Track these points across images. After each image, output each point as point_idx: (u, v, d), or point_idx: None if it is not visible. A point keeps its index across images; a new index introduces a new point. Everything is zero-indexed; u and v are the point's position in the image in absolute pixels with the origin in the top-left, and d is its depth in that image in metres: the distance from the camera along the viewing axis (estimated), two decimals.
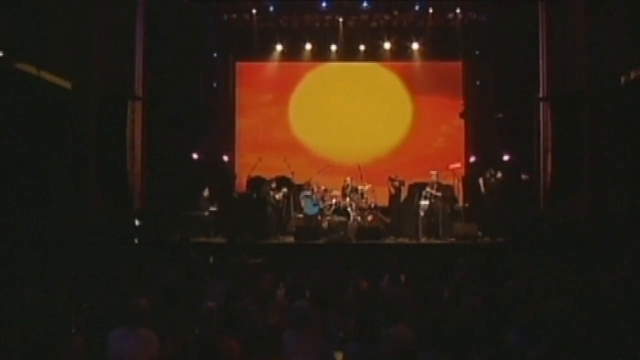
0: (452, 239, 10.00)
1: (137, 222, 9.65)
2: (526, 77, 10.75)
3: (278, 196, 10.65)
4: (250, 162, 11.51)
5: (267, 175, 11.13)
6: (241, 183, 12.00)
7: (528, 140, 10.79)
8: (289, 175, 11.08)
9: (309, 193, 10.60)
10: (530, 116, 10.80)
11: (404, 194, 11.03)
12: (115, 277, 5.36)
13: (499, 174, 10.38)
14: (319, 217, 10.52)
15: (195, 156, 11.71)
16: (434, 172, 10.68)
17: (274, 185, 10.69)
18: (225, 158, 12.37)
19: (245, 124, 12.82)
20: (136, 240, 9.15)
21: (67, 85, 8.33)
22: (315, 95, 12.74)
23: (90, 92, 8.95)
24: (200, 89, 11.93)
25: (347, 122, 12.59)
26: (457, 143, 12.48)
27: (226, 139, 12.49)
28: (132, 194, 10.19)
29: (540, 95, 10.60)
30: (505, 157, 11.07)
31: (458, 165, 11.13)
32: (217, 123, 12.14)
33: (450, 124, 12.55)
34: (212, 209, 10.84)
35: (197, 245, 9.00)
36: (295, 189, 11.10)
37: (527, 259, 6.98)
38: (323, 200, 10.74)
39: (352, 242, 9.94)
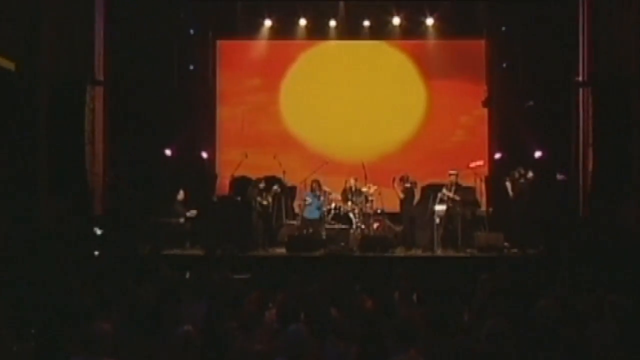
0: (474, 251, 10.12)
1: (97, 231, 9.63)
2: (563, 58, 10.84)
3: (267, 200, 10.69)
4: (234, 159, 11.56)
5: (254, 175, 11.16)
6: (223, 184, 12.06)
7: (565, 133, 10.87)
8: (279, 176, 11.11)
9: (311, 195, 10.72)
10: (567, 104, 10.87)
11: (416, 198, 11.09)
12: (71, 298, 5.28)
13: (530, 174, 10.41)
14: (319, 223, 10.65)
15: (168, 152, 11.76)
16: (452, 172, 10.71)
17: (262, 186, 10.70)
18: (204, 155, 12.37)
19: (228, 114, 12.84)
20: (97, 253, 9.13)
21: (10, 66, 8.17)
22: (310, 80, 12.71)
23: (39, 74, 8.76)
24: (174, 73, 11.90)
25: (349, 112, 12.63)
26: (480, 136, 12.51)
27: (205, 132, 12.52)
28: (92, 197, 10.21)
29: (580, 79, 10.62)
30: (537, 154, 11.12)
31: (480, 163, 11.20)
32: (195, 113, 12.17)
33: (472, 114, 12.57)
34: (189, 215, 10.93)
35: (170, 259, 9.04)
36: (288, 192, 11.26)
37: (564, 274, 7.17)
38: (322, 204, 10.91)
39: (355, 255, 10.05)
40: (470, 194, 10.80)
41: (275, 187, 10.76)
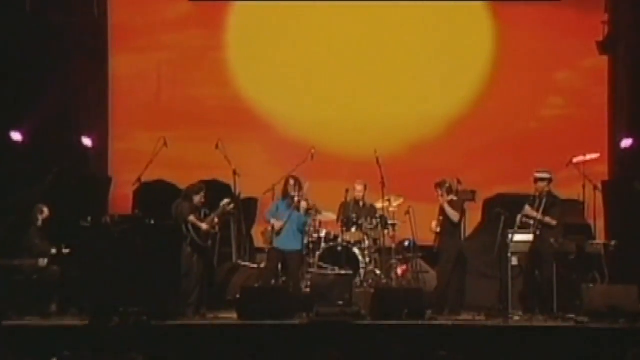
0: (583, 319, 10.08)
1: None
2: None
3: (207, 225, 10.57)
4: (141, 149, 11.72)
5: (182, 180, 11.36)
6: (122, 195, 12.22)
7: None
8: (226, 181, 11.46)
9: (284, 207, 10.86)
10: None
11: (473, 220, 11.50)
12: None
13: None
14: (296, 261, 10.85)
15: (16, 137, 11.86)
16: (541, 175, 10.70)
17: (197, 199, 10.66)
18: (86, 142, 12.48)
19: (129, 69, 13.08)
20: None
21: None
22: (281, 11, 13.07)
23: None
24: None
25: (351, 66, 12.99)
26: (593, 108, 12.71)
27: (87, 101, 12.77)
28: None
29: None
30: None
31: (594, 156, 11.29)
32: (68, 69, 12.36)
33: (577, 68, 12.88)
34: (56, 252, 10.89)
35: (21, 333, 9.13)
36: (242, 209, 11.43)
37: None
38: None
39: (364, 323, 10.04)
40: (574, 214, 11.14)
41: (224, 202, 10.73)
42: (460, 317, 10.46)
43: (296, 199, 10.72)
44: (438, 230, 10.82)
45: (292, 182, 10.79)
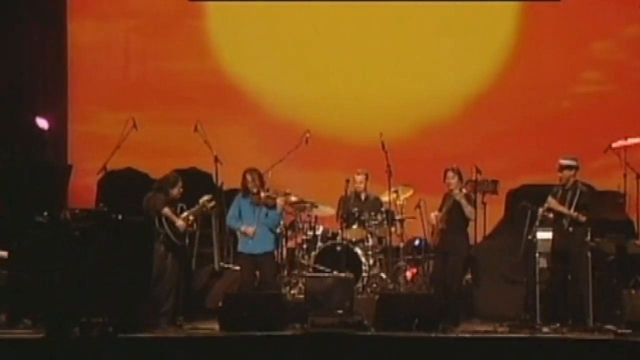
0: (626, 331, 10.02)
1: None
2: None
3: (181, 221, 10.61)
4: (107, 131, 11.91)
5: (154, 169, 11.40)
6: (84, 185, 12.27)
7: None
8: (207, 170, 11.57)
9: (246, 205, 10.87)
10: None
11: (494, 216, 11.40)
12: None
13: None
14: (268, 261, 10.87)
15: None
16: (568, 162, 10.64)
17: (173, 191, 10.71)
18: (42, 122, 12.50)
19: (91, 39, 13.14)
20: None
21: None
22: None
23: None
24: None
25: (353, 36, 13.11)
26: (637, 85, 12.80)
27: (43, 76, 12.89)
28: None
29: None
30: None
31: (638, 140, 11.34)
32: (19, 37, 12.63)
33: (618, 37, 12.94)
34: (2, 254, 10.87)
35: None
36: (226, 201, 11.45)
37: None
38: (291, 228, 11.35)
39: (368, 334, 10.11)
40: (610, 209, 11.14)
41: (204, 199, 10.77)
42: (479, 329, 10.43)
43: (262, 194, 10.64)
44: (443, 226, 10.70)
45: (249, 177, 10.74)
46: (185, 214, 10.59)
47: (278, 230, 10.98)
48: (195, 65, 13.17)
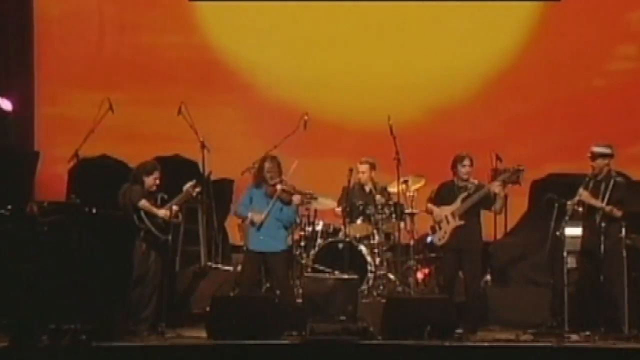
0: None
1: None
2: None
3: (164, 210, 10.58)
4: (78, 114, 11.94)
5: (134, 155, 11.36)
6: (53, 175, 12.45)
7: None
8: (193, 158, 11.57)
9: (259, 195, 10.79)
10: None
11: (516, 208, 11.50)
12: None
13: None
14: (281, 262, 10.80)
15: None
16: (600, 149, 10.57)
17: (149, 181, 10.65)
18: (5, 104, 12.59)
19: (61, 10, 13.32)
20: None
21: None
22: None
23: None
24: None
25: (359, 6, 13.03)
26: None
27: (5, 51, 12.98)
28: None
29: None
30: None
31: None
32: None
33: None
34: None
35: None
36: (213, 195, 11.61)
37: None
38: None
39: (375, 342, 10.08)
40: None
41: (188, 185, 10.70)
42: (500, 337, 10.35)
43: (278, 187, 10.48)
44: (459, 222, 10.60)
45: (267, 165, 10.63)
46: (168, 205, 10.42)
47: (292, 226, 10.92)
48: (178, 39, 13.15)
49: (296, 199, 10.55)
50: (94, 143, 11.10)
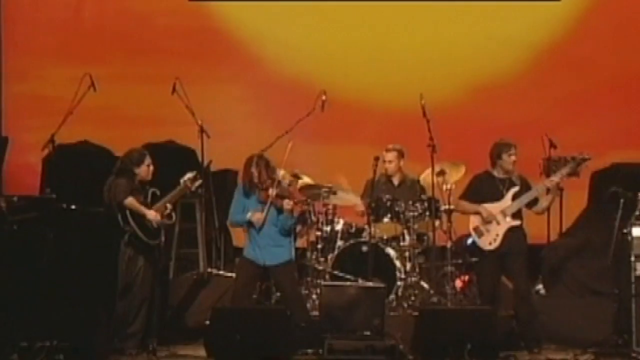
0: None
1: None
2: None
3: (153, 212, 10.63)
4: (53, 92, 12.09)
5: (120, 141, 11.51)
6: (23, 164, 12.59)
7: None
8: (191, 145, 11.70)
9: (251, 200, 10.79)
10: None
11: (574, 205, 11.54)
12: None
13: None
14: (286, 273, 10.81)
15: None
16: None
17: (139, 171, 10.63)
18: None
19: None
20: None
21: None
22: None
23: None
24: None
25: None
26: None
27: None
28: None
29: None
30: None
31: None
32: None
33: None
34: None
35: None
36: (212, 188, 11.55)
37: None
38: (301, 221, 11.48)
39: None
40: None
41: (186, 177, 10.65)
42: (555, 357, 10.36)
43: (271, 191, 10.35)
44: (514, 222, 10.43)
45: (254, 171, 10.49)
46: (160, 203, 10.32)
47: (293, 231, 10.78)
48: (171, 5, 13.01)
49: (287, 204, 10.33)
50: (73, 127, 11.08)
